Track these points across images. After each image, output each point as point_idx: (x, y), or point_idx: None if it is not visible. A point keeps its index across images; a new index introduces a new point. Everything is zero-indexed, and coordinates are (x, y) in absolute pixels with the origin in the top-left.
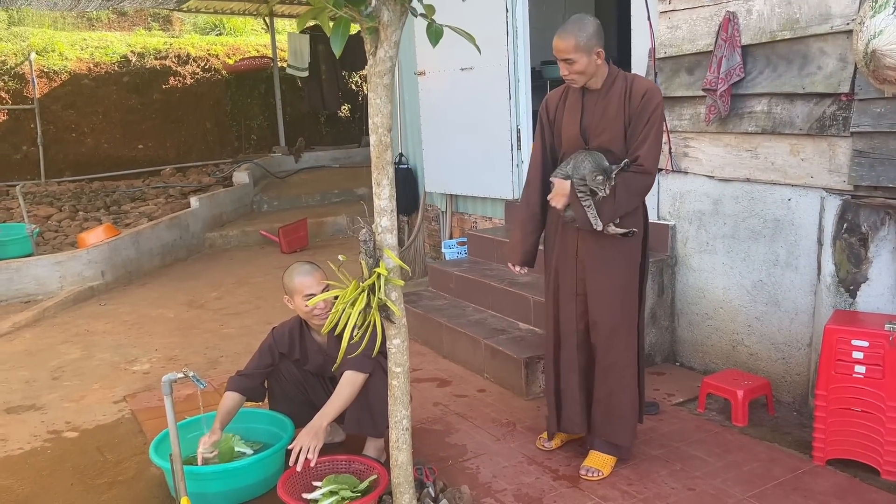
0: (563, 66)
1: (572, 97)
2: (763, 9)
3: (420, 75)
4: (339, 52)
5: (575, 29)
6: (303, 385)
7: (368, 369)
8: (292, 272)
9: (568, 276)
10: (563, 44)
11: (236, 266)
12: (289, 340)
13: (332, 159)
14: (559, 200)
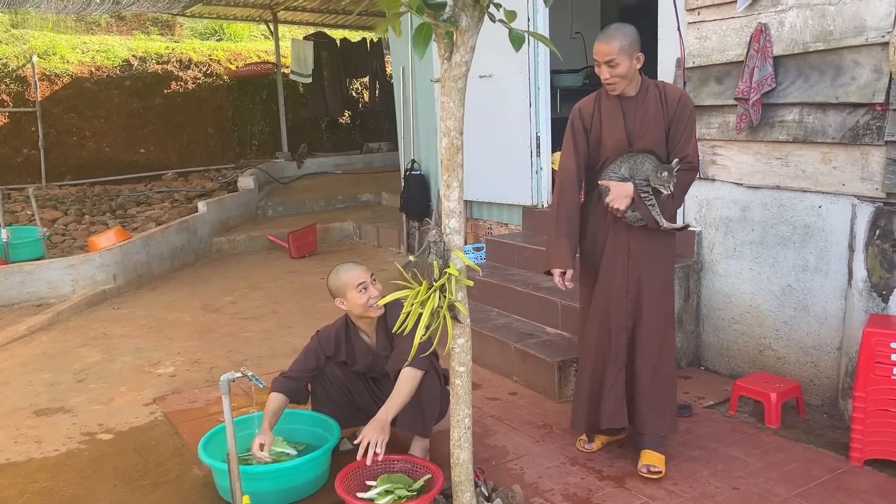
0: (606, 69)
1: (609, 104)
2: (796, 21)
3: (436, 82)
4: (422, 56)
5: (618, 33)
6: (347, 387)
7: (425, 367)
8: (337, 272)
9: (619, 274)
10: (607, 47)
11: (246, 271)
12: (335, 343)
13: (335, 165)
14: (622, 202)
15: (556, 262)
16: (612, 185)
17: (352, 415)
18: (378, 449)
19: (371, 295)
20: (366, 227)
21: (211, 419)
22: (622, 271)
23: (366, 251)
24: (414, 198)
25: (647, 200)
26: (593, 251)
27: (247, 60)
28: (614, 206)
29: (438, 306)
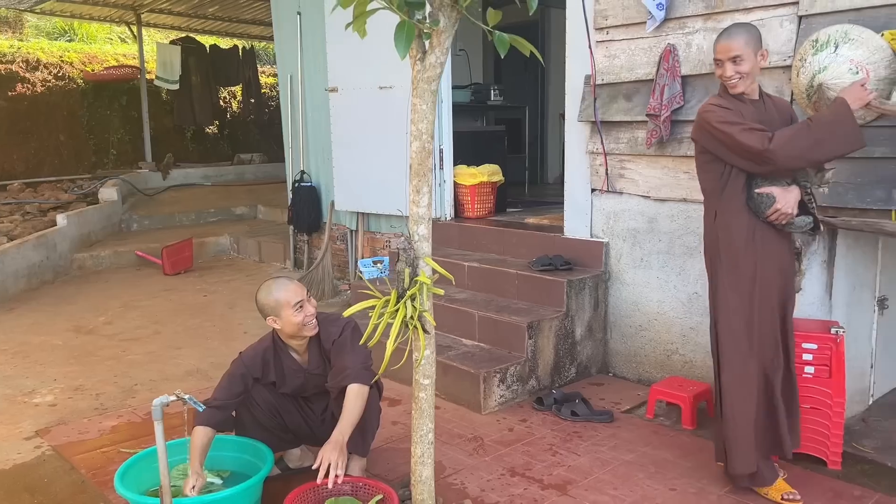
0: (730, 66)
1: (747, 109)
2: (703, 43)
3: (331, 92)
4: (404, 56)
5: (741, 30)
6: (276, 409)
7: (370, 381)
8: (269, 289)
9: (774, 289)
10: (732, 42)
11: (115, 289)
12: (262, 364)
13: (204, 177)
14: (794, 207)
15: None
16: (777, 191)
17: (281, 438)
18: (339, 470)
19: (307, 313)
20: (245, 242)
21: (109, 451)
22: (776, 285)
23: (246, 267)
24: (304, 210)
25: (811, 204)
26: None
27: (104, 63)
28: (786, 212)
29: (409, 317)
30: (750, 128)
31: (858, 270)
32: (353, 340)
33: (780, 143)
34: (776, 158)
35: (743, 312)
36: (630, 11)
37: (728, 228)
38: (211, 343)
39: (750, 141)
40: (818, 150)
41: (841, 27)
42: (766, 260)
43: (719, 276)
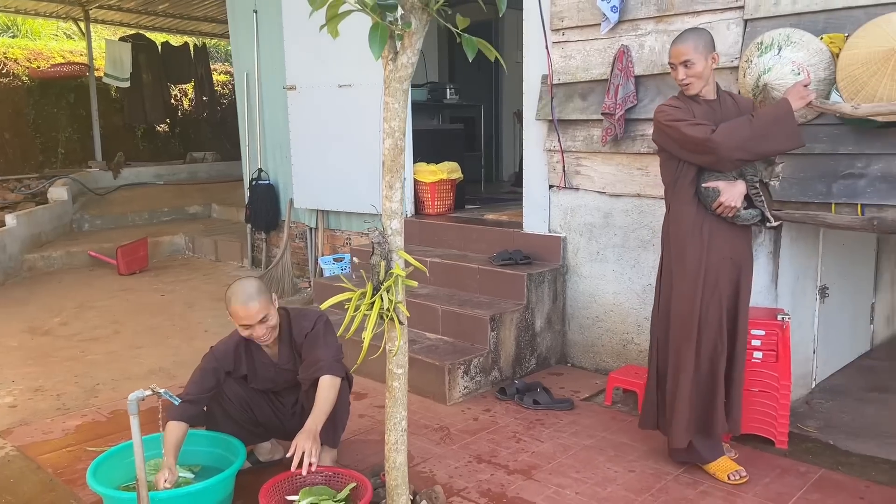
0: (682, 69)
1: (699, 108)
2: (655, 44)
3: (290, 90)
4: (378, 57)
5: (692, 35)
6: (247, 403)
7: (342, 373)
8: (228, 299)
9: (724, 278)
10: (682, 47)
11: (69, 290)
12: (234, 358)
13: (156, 176)
14: (739, 200)
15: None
16: (723, 184)
17: (251, 432)
18: (313, 458)
19: (256, 335)
20: (200, 241)
21: (74, 450)
22: (726, 275)
23: (203, 266)
24: (262, 208)
25: (757, 197)
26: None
27: (50, 60)
28: (730, 205)
29: (385, 308)
30: (695, 122)
31: (801, 261)
32: (325, 334)
33: (722, 134)
34: (718, 148)
35: (688, 298)
36: (585, 13)
37: (677, 220)
38: (172, 342)
39: (694, 132)
40: (758, 144)
41: (784, 31)
42: (714, 250)
43: (670, 265)
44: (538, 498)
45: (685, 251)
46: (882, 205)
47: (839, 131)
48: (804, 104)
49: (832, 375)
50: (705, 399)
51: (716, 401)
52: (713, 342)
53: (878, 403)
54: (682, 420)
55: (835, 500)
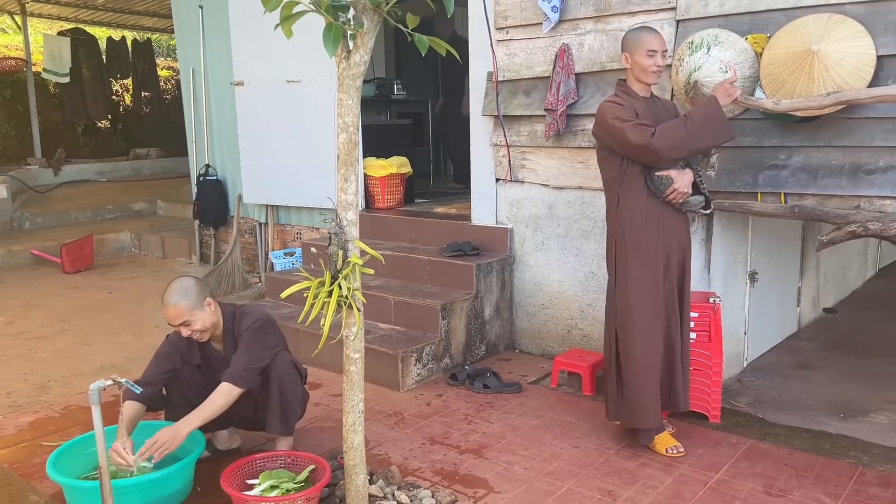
0: (661, 57)
1: (640, 104)
2: (594, 43)
3: (238, 86)
4: (332, 55)
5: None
6: (206, 390)
7: (245, 386)
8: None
9: (674, 262)
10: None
11: (12, 289)
12: (187, 345)
13: (98, 173)
14: (689, 187)
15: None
16: (674, 173)
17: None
18: (157, 454)
19: (191, 331)
20: (147, 238)
21: (29, 445)
22: (675, 258)
23: (150, 263)
24: (210, 204)
25: (702, 184)
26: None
27: None
28: (683, 191)
29: (343, 296)
30: (637, 123)
31: (732, 247)
32: (251, 339)
33: (660, 137)
34: (658, 150)
35: (648, 282)
36: (528, 13)
37: (630, 210)
38: (122, 338)
39: (636, 137)
40: (694, 142)
41: (712, 31)
42: (666, 235)
43: (626, 252)
44: (489, 474)
45: (641, 238)
46: (802, 193)
47: (764, 125)
48: (731, 100)
49: (762, 355)
50: (669, 377)
51: (676, 378)
52: (671, 321)
53: (802, 380)
54: (655, 401)
55: (762, 467)
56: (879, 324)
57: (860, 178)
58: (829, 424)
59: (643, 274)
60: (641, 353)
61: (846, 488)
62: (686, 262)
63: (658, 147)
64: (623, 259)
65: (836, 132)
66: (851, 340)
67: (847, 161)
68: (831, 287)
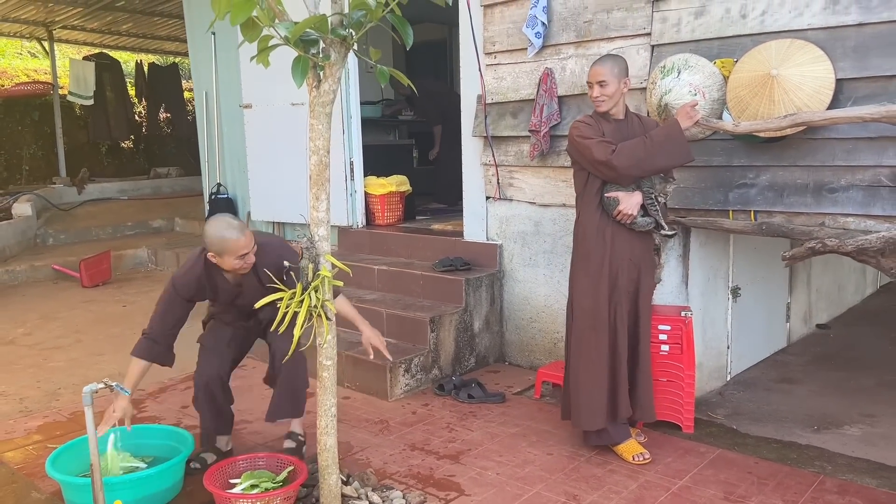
0: (597, 88)
1: (608, 126)
2: (575, 67)
3: (246, 108)
4: (300, 85)
5: (609, 60)
6: (232, 340)
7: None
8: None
9: (624, 277)
10: (600, 69)
11: (33, 302)
12: (196, 288)
13: (120, 191)
14: (635, 209)
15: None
16: (622, 195)
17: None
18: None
19: (248, 262)
20: (163, 254)
21: (36, 447)
22: (627, 274)
23: (164, 278)
24: None
25: (652, 207)
26: (600, 255)
27: (14, 79)
28: (628, 213)
29: (313, 306)
30: (601, 141)
31: (712, 263)
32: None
33: (619, 155)
34: (617, 166)
35: (591, 294)
36: (514, 38)
37: (585, 224)
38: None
39: (598, 153)
40: (652, 161)
41: (683, 56)
42: (615, 251)
43: (575, 263)
44: (462, 479)
45: (590, 252)
46: (770, 211)
47: (733, 146)
48: (692, 122)
49: (748, 369)
50: (610, 386)
51: (618, 388)
52: (615, 334)
53: (783, 393)
54: (586, 404)
55: (725, 475)
56: (870, 340)
57: (824, 197)
58: (801, 436)
59: (587, 285)
60: (578, 360)
61: (804, 495)
62: (640, 278)
63: (617, 164)
64: (574, 270)
65: (800, 152)
66: (839, 356)
67: (811, 180)
68: (825, 303)
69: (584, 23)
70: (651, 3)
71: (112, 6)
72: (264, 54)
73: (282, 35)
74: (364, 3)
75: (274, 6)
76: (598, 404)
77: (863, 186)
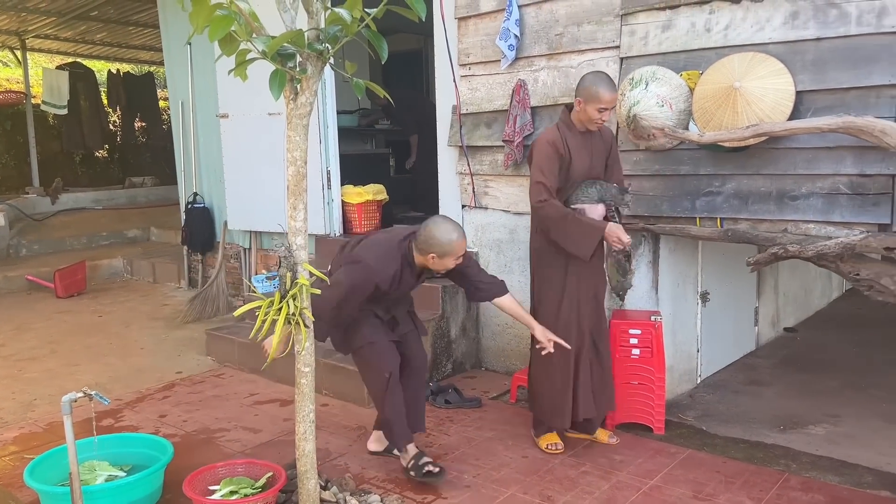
0: (607, 113)
1: (575, 139)
2: (547, 79)
3: (222, 118)
4: (278, 98)
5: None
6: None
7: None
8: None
9: (586, 282)
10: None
11: (7, 313)
12: (391, 279)
13: (94, 201)
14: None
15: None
16: (587, 207)
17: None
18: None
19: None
20: (139, 264)
21: (12, 458)
22: (589, 279)
23: (141, 287)
24: (197, 231)
25: (614, 218)
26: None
27: None
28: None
29: (291, 313)
30: (544, 183)
31: (682, 269)
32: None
33: (545, 208)
34: (537, 212)
35: (553, 300)
36: (487, 50)
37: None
38: (109, 359)
39: (535, 193)
40: (557, 234)
41: (650, 68)
42: (577, 260)
43: (537, 272)
44: (439, 482)
45: (552, 261)
46: (736, 218)
47: (700, 155)
48: (621, 246)
49: (717, 372)
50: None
51: (578, 391)
52: (576, 340)
53: (751, 395)
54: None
55: (695, 474)
56: (836, 343)
57: (786, 204)
58: (768, 436)
59: (551, 295)
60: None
61: (769, 492)
62: (598, 283)
63: (538, 210)
64: (537, 277)
65: (763, 161)
66: (805, 358)
67: (774, 188)
68: (792, 307)
69: (556, 35)
70: (620, 16)
71: (86, 16)
72: (242, 68)
73: (259, 49)
74: (340, 19)
75: (251, 22)
76: (563, 404)
77: (822, 194)
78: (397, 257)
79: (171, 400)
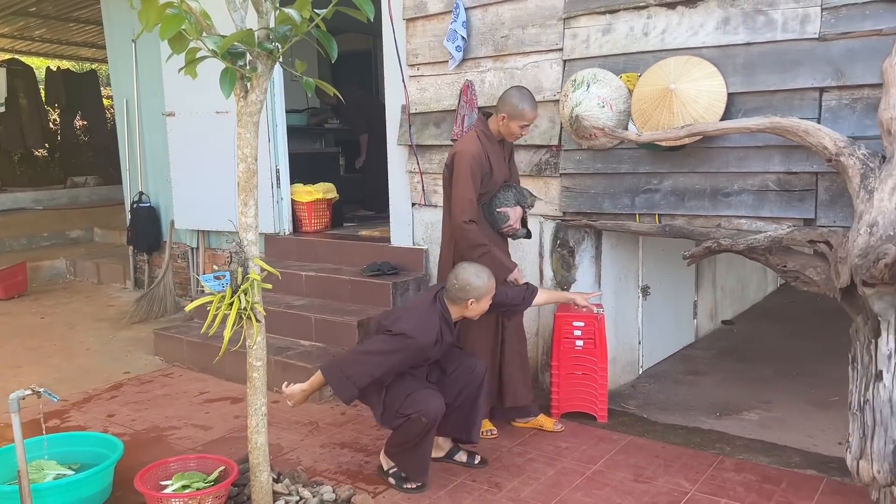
0: (527, 129)
1: (494, 148)
2: (494, 80)
3: (169, 116)
4: (228, 96)
5: None
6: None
7: None
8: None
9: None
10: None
11: None
12: (434, 340)
13: (34, 201)
14: (519, 222)
15: (510, 264)
16: (510, 211)
17: None
18: None
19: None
20: (82, 264)
21: None
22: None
23: (85, 289)
24: (143, 230)
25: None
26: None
27: None
28: (515, 227)
29: (242, 308)
30: (470, 201)
31: (623, 264)
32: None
33: (470, 231)
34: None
35: None
36: (436, 51)
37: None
38: (52, 361)
39: (462, 209)
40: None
41: (592, 70)
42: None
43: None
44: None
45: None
46: (673, 214)
47: (639, 154)
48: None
49: (658, 363)
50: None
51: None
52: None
53: (690, 384)
54: None
55: (635, 459)
56: (770, 334)
57: (719, 201)
58: (705, 422)
59: None
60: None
61: (705, 474)
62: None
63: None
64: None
65: (698, 160)
66: (741, 349)
67: (708, 185)
68: (729, 301)
69: (502, 38)
70: (562, 20)
71: (24, 11)
72: (192, 66)
73: (210, 48)
74: (289, 19)
75: (202, 21)
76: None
77: (753, 191)
78: (435, 315)
79: (119, 400)
